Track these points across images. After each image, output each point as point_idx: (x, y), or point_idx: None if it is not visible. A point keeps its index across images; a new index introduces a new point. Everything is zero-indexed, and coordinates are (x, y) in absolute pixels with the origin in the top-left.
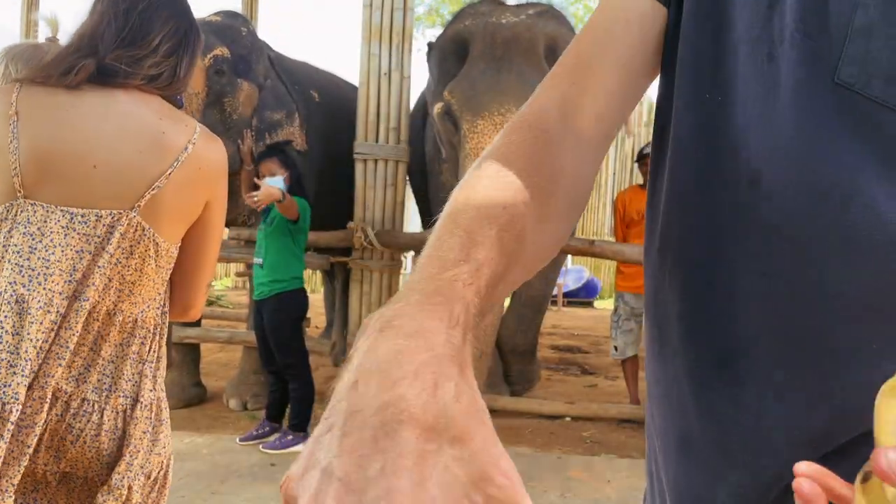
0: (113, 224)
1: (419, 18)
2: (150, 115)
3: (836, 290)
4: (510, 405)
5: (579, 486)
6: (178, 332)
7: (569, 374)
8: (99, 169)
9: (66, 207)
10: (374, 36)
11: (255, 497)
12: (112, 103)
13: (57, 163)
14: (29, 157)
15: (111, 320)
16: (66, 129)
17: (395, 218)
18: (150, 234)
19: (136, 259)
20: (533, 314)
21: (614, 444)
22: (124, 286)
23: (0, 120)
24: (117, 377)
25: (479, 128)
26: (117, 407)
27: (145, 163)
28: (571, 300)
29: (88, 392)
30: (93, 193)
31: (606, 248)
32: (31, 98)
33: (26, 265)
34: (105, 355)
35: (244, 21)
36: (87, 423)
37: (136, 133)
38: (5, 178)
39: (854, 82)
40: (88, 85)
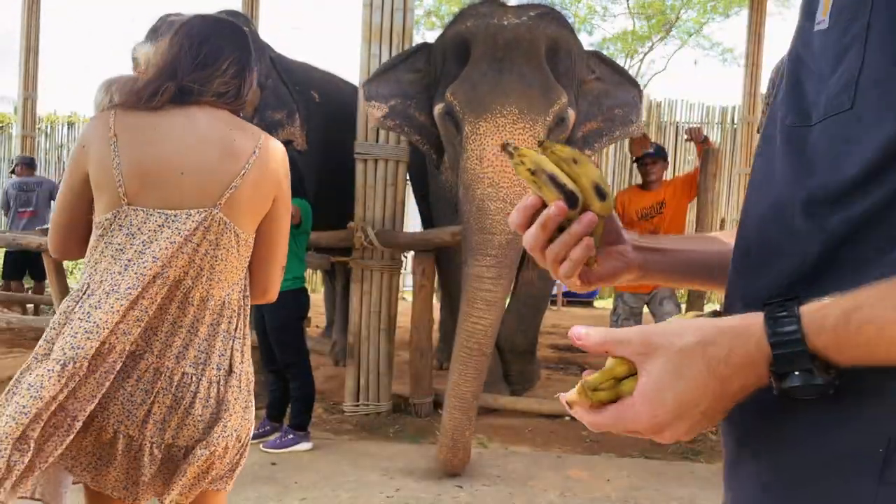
0: (200, 220)
1: (419, 19)
2: (222, 127)
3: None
4: (510, 404)
5: (579, 485)
6: None
7: (568, 374)
8: (186, 175)
9: (161, 210)
10: (375, 36)
11: (255, 496)
12: (191, 119)
13: (152, 174)
14: (129, 172)
15: (204, 305)
16: (157, 145)
17: (395, 218)
18: (231, 227)
19: (221, 249)
20: (533, 314)
21: (614, 443)
22: (214, 274)
23: (102, 142)
24: (210, 352)
25: (482, 129)
26: (212, 378)
27: (223, 167)
28: (571, 300)
29: (187, 367)
30: (183, 196)
31: None
32: (125, 121)
33: (122, 258)
34: (201, 335)
35: (246, 20)
36: (188, 392)
37: (213, 142)
38: (111, 190)
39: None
40: (170, 105)
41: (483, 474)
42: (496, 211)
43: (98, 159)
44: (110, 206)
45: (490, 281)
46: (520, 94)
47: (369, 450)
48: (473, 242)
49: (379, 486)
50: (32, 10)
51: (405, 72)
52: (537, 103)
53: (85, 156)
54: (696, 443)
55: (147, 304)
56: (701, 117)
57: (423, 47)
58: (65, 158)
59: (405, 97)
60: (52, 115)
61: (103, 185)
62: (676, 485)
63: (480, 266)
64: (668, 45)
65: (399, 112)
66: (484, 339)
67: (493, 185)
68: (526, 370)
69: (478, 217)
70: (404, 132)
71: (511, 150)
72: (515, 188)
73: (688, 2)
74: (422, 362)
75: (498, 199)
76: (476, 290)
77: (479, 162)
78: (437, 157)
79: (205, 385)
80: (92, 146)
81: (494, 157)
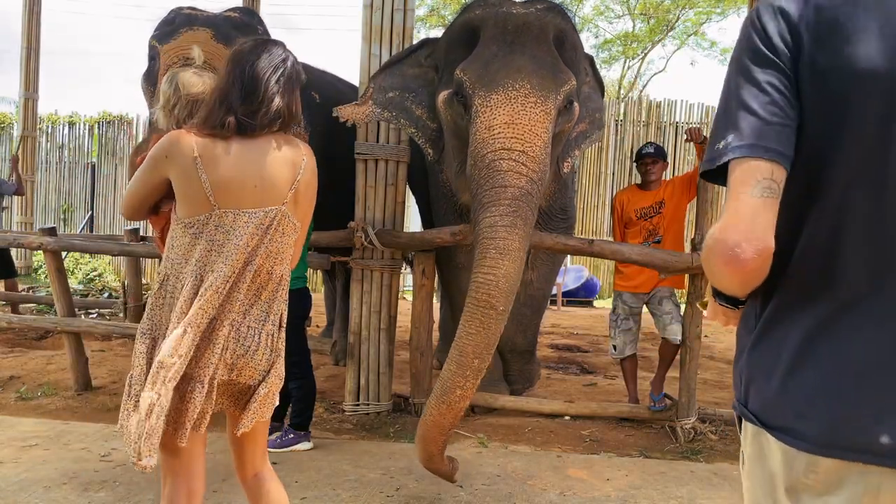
0: (273, 215)
1: (423, 18)
2: (277, 146)
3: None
4: (510, 404)
5: (578, 484)
6: None
7: (568, 374)
8: (257, 186)
9: (244, 210)
10: (375, 36)
11: None
12: (252, 145)
13: (233, 186)
14: (215, 184)
15: (269, 277)
16: (233, 166)
17: (395, 218)
18: (290, 218)
19: (285, 236)
20: (532, 313)
21: (613, 442)
22: (277, 254)
23: (187, 160)
24: (269, 312)
25: (493, 101)
26: (268, 331)
27: (284, 175)
28: (570, 299)
29: (251, 322)
30: (257, 199)
31: (605, 247)
32: (204, 148)
33: (218, 248)
34: (262, 299)
35: (259, 20)
36: (251, 341)
37: (274, 159)
38: (200, 198)
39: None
40: (235, 135)
41: (483, 474)
42: (508, 168)
43: (183, 173)
44: (201, 210)
45: (504, 229)
46: (531, 71)
47: (369, 449)
48: (485, 199)
49: (379, 486)
50: (33, 11)
51: (409, 66)
52: (548, 81)
53: (168, 164)
54: (696, 443)
55: (235, 280)
56: (700, 117)
57: (427, 42)
58: (66, 158)
59: (405, 90)
60: (52, 115)
61: (191, 194)
62: (676, 484)
63: (493, 216)
64: (667, 46)
65: (396, 104)
66: (495, 290)
67: (505, 149)
68: (526, 370)
69: (488, 176)
70: (400, 124)
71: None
72: (527, 153)
73: (688, 1)
74: (422, 362)
75: (510, 159)
76: (488, 240)
77: (489, 130)
78: (434, 152)
79: (263, 337)
80: (176, 160)
81: (505, 126)
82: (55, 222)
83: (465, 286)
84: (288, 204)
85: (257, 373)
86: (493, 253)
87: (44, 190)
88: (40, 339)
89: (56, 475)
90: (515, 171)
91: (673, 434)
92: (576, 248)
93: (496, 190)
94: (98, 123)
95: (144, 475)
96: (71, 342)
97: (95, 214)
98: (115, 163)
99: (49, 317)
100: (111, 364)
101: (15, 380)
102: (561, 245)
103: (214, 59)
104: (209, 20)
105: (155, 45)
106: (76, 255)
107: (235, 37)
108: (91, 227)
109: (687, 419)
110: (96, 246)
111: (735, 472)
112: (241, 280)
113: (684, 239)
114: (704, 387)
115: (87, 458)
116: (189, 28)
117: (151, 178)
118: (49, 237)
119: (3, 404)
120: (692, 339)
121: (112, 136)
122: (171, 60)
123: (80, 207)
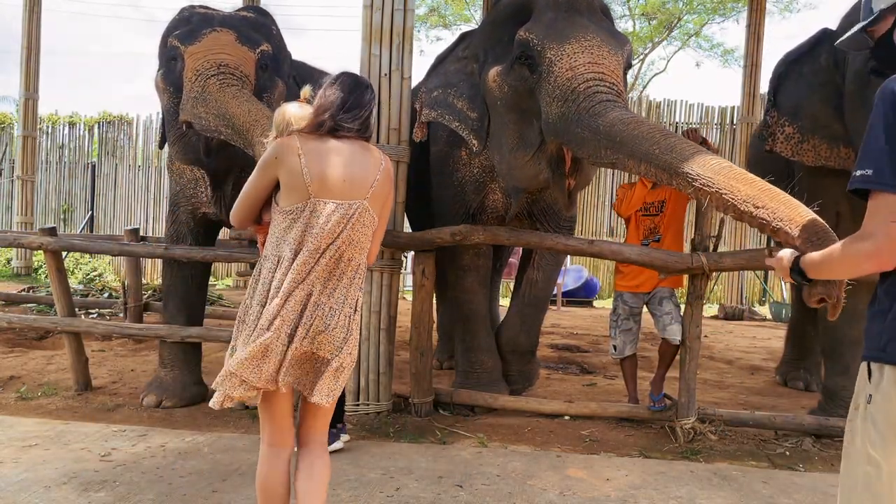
0: (356, 207)
1: (420, 19)
2: (361, 150)
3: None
4: (509, 404)
5: (578, 484)
6: (179, 331)
7: (568, 374)
8: (347, 181)
9: (336, 200)
10: (375, 37)
11: (256, 495)
12: (345, 146)
13: (328, 180)
14: (313, 178)
15: (349, 263)
16: (328, 162)
17: (395, 218)
18: (370, 211)
19: (364, 227)
20: (536, 313)
21: (613, 442)
22: (357, 243)
23: (293, 157)
24: (347, 295)
25: (569, 50)
26: (346, 312)
27: (366, 175)
28: (570, 300)
29: (333, 303)
30: (345, 193)
31: (605, 247)
32: (306, 144)
33: (310, 231)
34: (343, 282)
35: (272, 20)
36: (331, 319)
37: (359, 160)
38: (301, 188)
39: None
40: (329, 134)
41: (483, 474)
42: (607, 90)
43: (290, 168)
44: (300, 199)
45: (639, 116)
46: (596, 29)
47: (369, 449)
48: (598, 109)
49: (379, 486)
50: (33, 11)
51: (449, 63)
52: (613, 39)
53: (278, 165)
54: (696, 443)
55: (319, 260)
56: (700, 118)
57: (464, 36)
58: (66, 158)
59: (447, 87)
60: (53, 115)
61: (293, 185)
62: (676, 484)
63: (616, 112)
64: (668, 47)
65: (440, 102)
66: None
67: (596, 79)
68: (525, 370)
69: (587, 107)
70: (446, 120)
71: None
72: (618, 86)
73: (689, 2)
74: (422, 362)
75: (605, 85)
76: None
77: (573, 70)
78: (478, 142)
79: (342, 317)
80: (284, 158)
81: (590, 65)
82: (55, 222)
83: (470, 287)
84: (369, 199)
85: (334, 347)
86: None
87: (44, 190)
88: (40, 339)
89: (56, 475)
90: (613, 98)
91: (672, 434)
92: (576, 248)
93: (604, 104)
94: (98, 124)
95: (144, 475)
96: (71, 342)
97: (95, 214)
98: (115, 163)
99: (49, 317)
100: (111, 364)
101: (15, 380)
102: (561, 245)
103: (240, 61)
104: (228, 21)
105: (177, 46)
106: (76, 255)
107: (256, 38)
108: (91, 227)
109: (686, 419)
110: (96, 246)
111: (734, 471)
112: (324, 258)
113: (683, 239)
114: (704, 387)
115: (87, 458)
116: (210, 29)
117: (262, 181)
118: (49, 237)
119: (3, 404)
120: (692, 339)
121: (112, 136)
122: (201, 65)
123: (80, 207)
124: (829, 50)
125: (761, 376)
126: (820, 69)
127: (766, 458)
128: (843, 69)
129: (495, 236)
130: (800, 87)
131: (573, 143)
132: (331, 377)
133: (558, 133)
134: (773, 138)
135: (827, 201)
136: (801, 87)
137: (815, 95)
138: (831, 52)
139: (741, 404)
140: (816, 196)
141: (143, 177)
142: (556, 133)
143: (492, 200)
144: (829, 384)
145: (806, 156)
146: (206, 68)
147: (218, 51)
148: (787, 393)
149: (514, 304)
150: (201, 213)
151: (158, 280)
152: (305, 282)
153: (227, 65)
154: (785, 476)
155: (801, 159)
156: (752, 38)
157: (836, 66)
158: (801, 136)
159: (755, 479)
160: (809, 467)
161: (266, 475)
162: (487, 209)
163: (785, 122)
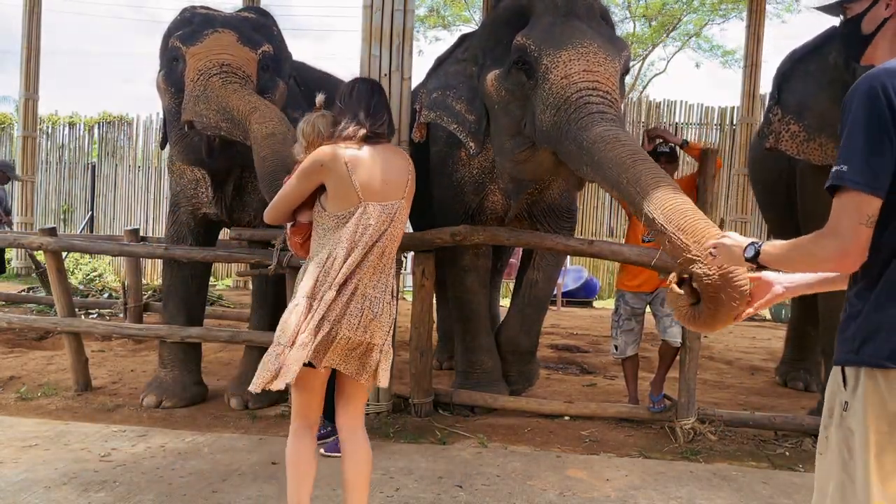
0: (396, 206)
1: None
2: (394, 152)
3: None
4: (509, 404)
5: (578, 484)
6: (179, 332)
7: (568, 374)
8: (387, 183)
9: (380, 202)
10: (375, 37)
11: (256, 495)
12: (381, 152)
13: (372, 185)
14: (361, 183)
15: (389, 256)
16: (369, 169)
17: None
18: (405, 208)
19: (402, 223)
20: (536, 314)
21: (613, 443)
22: (396, 238)
23: (340, 166)
24: (387, 285)
25: (565, 57)
26: (386, 299)
27: (401, 176)
28: (570, 300)
29: (378, 293)
30: (386, 194)
31: (605, 247)
32: (350, 155)
33: (361, 231)
34: (384, 273)
35: (273, 20)
36: (377, 307)
37: (395, 163)
38: (351, 194)
39: None
40: (366, 142)
41: (483, 474)
42: (599, 102)
43: (338, 177)
44: (351, 204)
45: (622, 132)
46: (594, 34)
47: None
48: (585, 122)
49: (379, 486)
50: (33, 11)
51: (449, 64)
52: (611, 45)
53: (324, 172)
54: (696, 443)
55: (367, 256)
56: (700, 118)
57: (464, 38)
58: (66, 159)
59: (446, 88)
60: (53, 116)
61: (343, 192)
62: (675, 485)
63: (600, 128)
64: (667, 47)
65: (439, 103)
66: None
67: (590, 88)
68: (525, 370)
69: (577, 117)
70: (444, 121)
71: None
72: (612, 95)
73: (689, 3)
74: (422, 362)
75: (598, 96)
76: (608, 137)
77: (567, 78)
78: (475, 145)
79: (385, 304)
80: (332, 168)
81: (584, 73)
82: (55, 223)
83: (470, 288)
84: (405, 198)
85: (384, 332)
86: (615, 142)
87: (44, 190)
88: (40, 339)
89: (56, 475)
90: (604, 109)
91: (672, 434)
92: (576, 248)
93: (593, 115)
94: (98, 124)
95: (144, 476)
96: (71, 342)
97: (95, 215)
98: (115, 163)
99: (49, 317)
100: (111, 364)
101: (15, 380)
102: (561, 245)
103: (242, 62)
104: (229, 21)
105: (179, 47)
106: (76, 256)
107: (258, 39)
108: (91, 227)
109: (686, 419)
110: (96, 246)
111: (734, 472)
112: (372, 254)
113: None
114: (704, 387)
115: (87, 458)
116: (212, 30)
117: (305, 186)
118: (49, 237)
119: (3, 404)
120: (692, 339)
121: (112, 136)
122: (203, 65)
123: (80, 208)
124: (839, 49)
125: (761, 377)
126: (828, 67)
127: (766, 459)
128: (852, 68)
129: (495, 237)
130: (806, 86)
131: (562, 154)
132: (384, 360)
133: (550, 141)
134: (776, 136)
135: (830, 199)
136: (808, 85)
137: (823, 94)
138: (841, 51)
139: (741, 405)
140: (820, 193)
141: (143, 177)
142: (549, 141)
143: (491, 201)
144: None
145: (813, 154)
146: (209, 68)
147: (220, 51)
148: (786, 393)
149: (514, 304)
150: (202, 214)
151: (158, 280)
152: (355, 275)
153: (229, 65)
154: (785, 476)
155: (808, 157)
156: (752, 38)
157: (846, 65)
158: (808, 135)
159: (755, 479)
160: (809, 468)
161: (299, 452)
162: (487, 210)
163: (790, 121)
